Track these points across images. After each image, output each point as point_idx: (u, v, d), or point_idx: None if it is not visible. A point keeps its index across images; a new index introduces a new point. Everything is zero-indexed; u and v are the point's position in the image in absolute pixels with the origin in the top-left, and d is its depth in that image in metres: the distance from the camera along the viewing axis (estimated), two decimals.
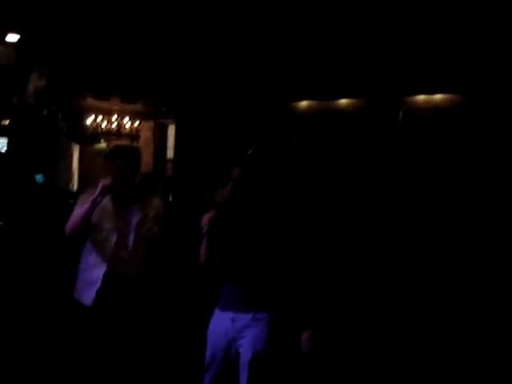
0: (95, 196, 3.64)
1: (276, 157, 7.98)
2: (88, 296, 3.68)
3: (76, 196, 10.92)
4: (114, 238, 3.72)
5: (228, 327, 3.16)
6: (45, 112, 11.50)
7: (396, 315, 5.56)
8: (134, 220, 3.75)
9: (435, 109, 7.92)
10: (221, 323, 3.20)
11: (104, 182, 3.67)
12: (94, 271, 3.71)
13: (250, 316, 3.12)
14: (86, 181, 13.13)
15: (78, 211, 3.76)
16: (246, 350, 3.12)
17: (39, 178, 11.34)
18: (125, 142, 13.23)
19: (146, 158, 13.68)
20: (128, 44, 8.92)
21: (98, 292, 3.67)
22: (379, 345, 5.01)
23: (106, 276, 3.68)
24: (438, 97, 7.89)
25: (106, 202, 3.77)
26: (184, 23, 8.32)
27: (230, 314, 3.17)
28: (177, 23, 8.33)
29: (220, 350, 3.18)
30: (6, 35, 8.41)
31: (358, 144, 8.46)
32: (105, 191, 3.66)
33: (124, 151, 4.02)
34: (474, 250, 6.84)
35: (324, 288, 3.35)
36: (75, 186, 13.38)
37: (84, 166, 13.55)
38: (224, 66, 9.27)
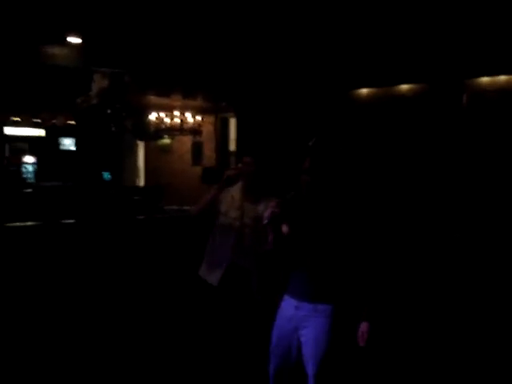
0: (219, 184, 4.01)
1: (340, 147, 7.94)
2: (215, 277, 4.04)
3: (142, 191, 11.11)
4: (236, 227, 4.05)
5: (292, 314, 3.20)
6: (109, 111, 11.78)
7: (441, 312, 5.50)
8: (256, 215, 3.98)
9: (500, 90, 7.74)
10: (287, 309, 3.24)
11: (228, 172, 4.04)
12: (219, 255, 4.05)
13: (311, 306, 3.14)
14: (152, 176, 13.41)
15: (207, 195, 4.14)
16: (306, 340, 3.15)
17: (106, 175, 11.65)
18: (188, 137, 13.42)
19: (209, 152, 13.84)
20: (186, 42, 9.03)
21: (222, 277, 4.00)
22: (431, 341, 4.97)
23: (230, 260, 4.01)
24: (503, 78, 7.69)
25: (236, 193, 4.10)
26: (239, 19, 8.37)
27: (294, 302, 3.21)
28: (232, 20, 8.39)
29: (285, 335, 3.22)
30: (69, 37, 8.63)
31: (423, 129, 8.33)
32: (228, 180, 4.00)
33: (253, 150, 4.34)
34: None
35: (386, 283, 3.33)
36: (141, 181, 13.66)
37: (149, 161, 13.81)
38: (282, 56, 9.27)
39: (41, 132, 14.84)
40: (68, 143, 15.08)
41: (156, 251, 6.76)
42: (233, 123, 12.84)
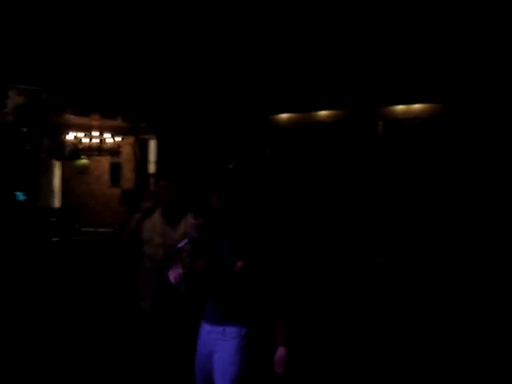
0: (138, 217, 4.33)
1: (256, 171, 8.01)
2: (146, 301, 4.27)
3: (58, 212, 10.86)
4: (161, 253, 4.24)
5: (206, 339, 3.20)
6: (24, 129, 11.44)
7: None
8: (178, 236, 4.16)
9: (414, 119, 8.00)
10: (202, 334, 3.25)
11: (145, 204, 4.39)
12: (148, 280, 4.27)
13: (220, 329, 3.15)
14: (69, 197, 13.08)
15: (130, 225, 4.40)
16: (217, 364, 3.15)
17: (21, 195, 11.28)
18: (106, 157, 13.20)
19: (128, 174, 13.65)
20: (106, 60, 8.91)
21: (152, 298, 4.25)
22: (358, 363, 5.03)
23: (157, 284, 4.22)
24: (417, 106, 7.97)
25: (157, 219, 4.32)
26: (161, 38, 8.34)
27: (207, 327, 3.21)
28: (153, 38, 8.36)
29: (202, 361, 3.21)
30: None
31: (339, 155, 8.51)
32: (146, 212, 4.33)
33: (169, 174, 4.60)
34: (455, 262, 6.89)
35: (300, 307, 3.36)
36: (57, 202, 13.30)
37: (66, 182, 13.48)
38: (203, 80, 9.29)
39: None
40: None
41: (71, 274, 6.59)
42: (153, 145, 12.73)
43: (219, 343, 3.15)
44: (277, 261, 3.22)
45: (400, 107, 8.13)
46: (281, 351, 3.15)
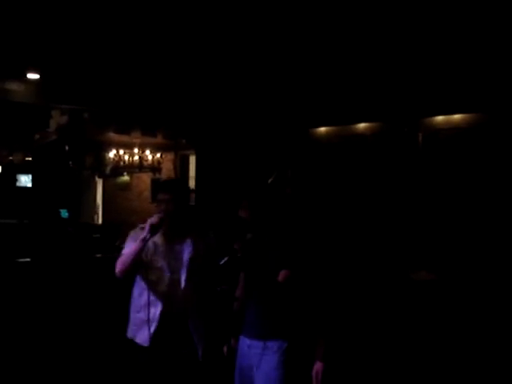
0: (144, 235, 3.54)
1: (296, 186, 7.99)
2: (144, 335, 3.60)
3: (100, 229, 11.03)
4: (167, 277, 3.63)
5: (246, 353, 3.19)
6: (67, 148, 11.67)
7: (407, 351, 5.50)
8: (186, 257, 3.65)
9: (455, 129, 7.91)
10: (242, 349, 3.24)
11: (152, 219, 3.59)
12: (150, 310, 3.57)
13: (261, 344, 3.14)
14: (110, 214, 13.27)
15: (127, 250, 3.68)
16: (258, 379, 3.14)
17: (64, 212, 11.48)
18: (147, 174, 13.36)
19: None
20: (146, 78, 9.05)
21: (155, 331, 3.58)
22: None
23: (162, 314, 3.59)
24: (457, 117, 7.87)
25: (157, 238, 3.68)
26: (200, 54, 8.43)
27: (247, 341, 3.21)
28: (193, 55, 8.45)
29: (245, 376, 3.21)
30: (28, 73, 8.57)
31: (379, 167, 8.45)
32: (153, 229, 3.55)
33: (171, 185, 3.89)
34: (497, 275, 6.75)
35: (340, 321, 3.32)
36: (100, 219, 13.51)
37: (108, 199, 13.70)
38: (241, 94, 9.35)
39: None
40: (25, 180, 14.87)
41: (113, 291, 6.65)
42: (192, 161, 12.83)
43: (260, 358, 3.15)
44: (318, 272, 3.21)
45: (440, 118, 8.04)
46: (318, 366, 3.13)
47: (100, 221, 13.35)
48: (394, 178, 8.24)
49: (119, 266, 3.68)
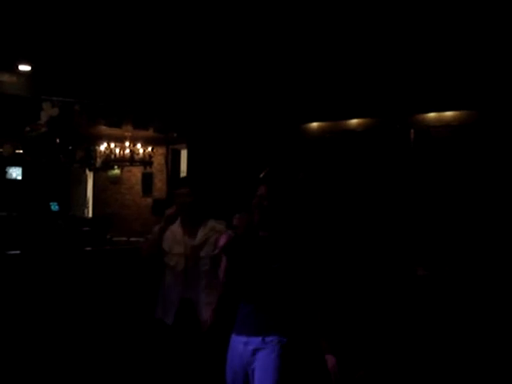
0: (161, 224, 4.11)
1: (291, 179, 7.96)
2: (170, 316, 4.06)
3: (91, 222, 10.99)
4: (183, 263, 4.06)
5: (242, 351, 3.16)
6: (58, 140, 11.59)
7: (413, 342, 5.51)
8: (196, 245, 4.08)
9: (446, 126, 7.92)
10: (236, 347, 3.20)
11: (168, 211, 4.13)
12: (171, 293, 4.07)
13: (259, 339, 3.11)
14: (101, 207, 13.22)
15: (151, 236, 4.19)
16: (257, 373, 3.11)
17: (54, 205, 11.42)
18: (138, 167, 13.31)
19: (160, 183, 13.75)
20: (138, 72, 9.01)
21: (176, 313, 4.04)
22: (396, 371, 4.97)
23: (180, 300, 4.06)
24: (449, 114, 7.89)
25: (176, 228, 4.15)
26: (192, 48, 8.41)
27: (243, 338, 3.17)
28: (184, 50, 8.42)
29: (238, 375, 3.18)
30: (19, 65, 8.52)
31: (370, 163, 8.45)
32: (169, 219, 4.10)
33: (188, 181, 4.47)
34: (491, 272, 6.76)
35: (342, 313, 3.32)
36: (90, 212, 13.45)
37: (98, 192, 13.64)
38: (233, 89, 9.33)
39: None
40: (15, 173, 14.77)
41: (104, 284, 6.63)
42: (184, 155, 12.80)
43: (258, 352, 3.12)
44: (317, 266, 3.20)
45: (432, 114, 8.06)
46: (332, 360, 3.11)
47: (90, 214, 13.28)
48: (386, 174, 8.25)
49: (144, 247, 4.29)
